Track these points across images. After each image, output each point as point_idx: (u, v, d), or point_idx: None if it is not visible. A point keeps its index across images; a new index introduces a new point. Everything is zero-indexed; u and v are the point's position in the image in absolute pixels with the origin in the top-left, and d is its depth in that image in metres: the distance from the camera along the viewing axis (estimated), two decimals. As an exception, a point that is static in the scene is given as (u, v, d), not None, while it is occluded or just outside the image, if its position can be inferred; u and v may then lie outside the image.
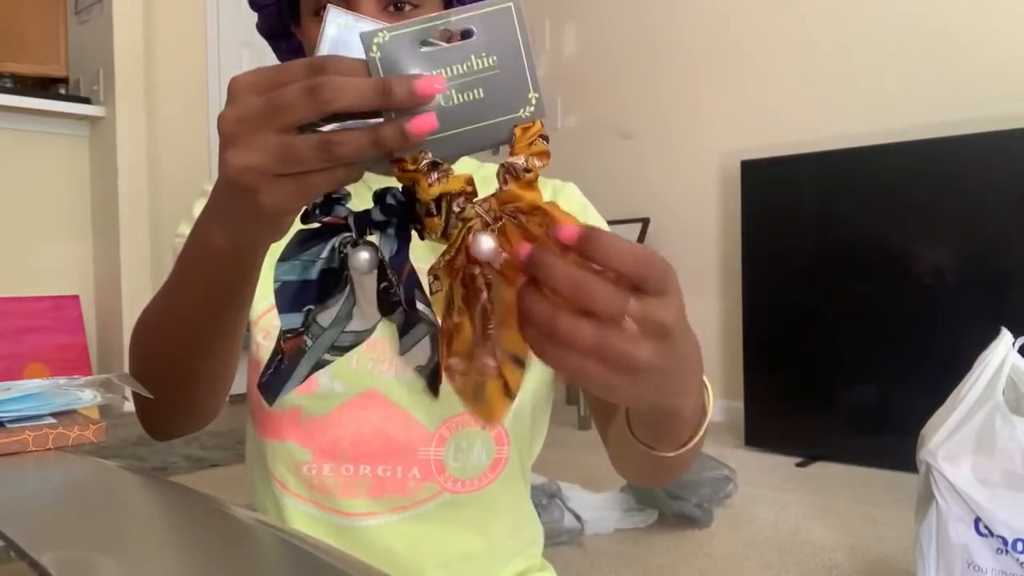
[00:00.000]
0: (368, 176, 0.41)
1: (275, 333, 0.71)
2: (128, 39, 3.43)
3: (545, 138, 0.39)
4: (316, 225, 0.41)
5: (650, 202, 3.61)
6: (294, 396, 0.67)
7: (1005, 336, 1.39)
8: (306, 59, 0.38)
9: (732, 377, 3.29)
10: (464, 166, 0.80)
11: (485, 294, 0.38)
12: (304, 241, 0.41)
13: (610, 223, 3.00)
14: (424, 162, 0.38)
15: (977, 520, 1.34)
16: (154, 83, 3.57)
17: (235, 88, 0.39)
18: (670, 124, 3.59)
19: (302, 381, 0.45)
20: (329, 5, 0.39)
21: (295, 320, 0.42)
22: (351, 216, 0.41)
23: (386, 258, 0.40)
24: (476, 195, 0.39)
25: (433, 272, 0.40)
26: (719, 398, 3.44)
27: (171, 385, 0.59)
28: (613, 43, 3.80)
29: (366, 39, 0.36)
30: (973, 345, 1.44)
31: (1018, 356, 1.38)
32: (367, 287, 0.42)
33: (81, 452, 0.61)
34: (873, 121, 2.92)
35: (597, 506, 2.11)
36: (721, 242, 3.42)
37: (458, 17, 0.37)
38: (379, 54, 0.36)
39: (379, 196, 0.40)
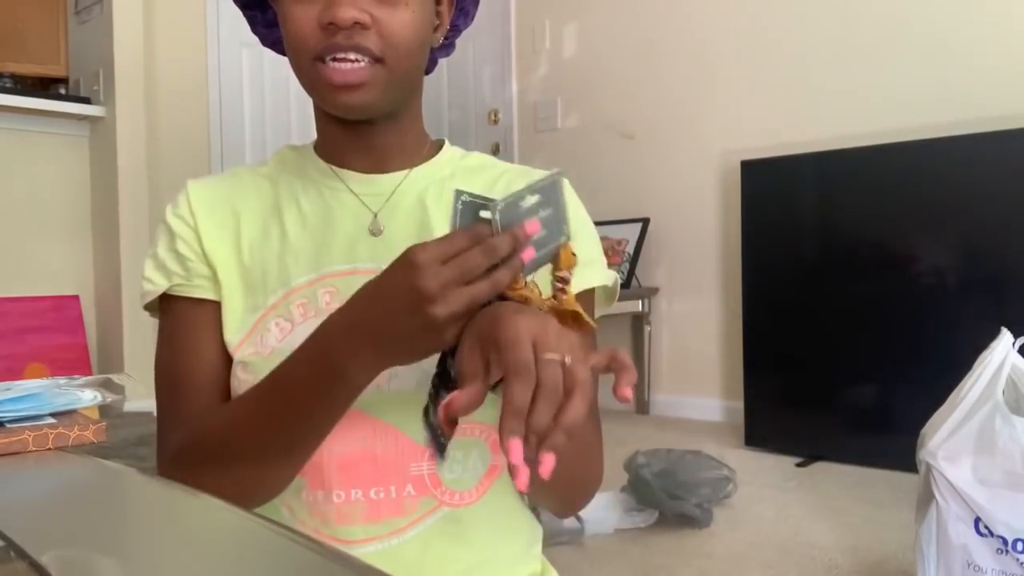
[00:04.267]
0: None
1: (252, 364, 0.70)
2: (128, 39, 3.42)
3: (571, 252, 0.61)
4: None
5: (650, 202, 3.61)
6: None
7: (1005, 336, 1.39)
8: (482, 246, 0.54)
9: (732, 377, 3.29)
10: (449, 158, 0.81)
11: None
12: None
13: (610, 223, 3.01)
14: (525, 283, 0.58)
15: (977, 520, 1.34)
16: (154, 83, 3.56)
17: (420, 260, 0.53)
18: (670, 124, 3.59)
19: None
20: (456, 188, 0.57)
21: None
22: None
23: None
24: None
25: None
26: (719, 398, 3.44)
27: (253, 483, 0.67)
28: (613, 43, 3.80)
29: (492, 208, 0.55)
30: (973, 345, 1.44)
31: (1018, 356, 1.38)
32: None
33: (81, 452, 0.61)
34: (873, 121, 2.92)
35: (597, 506, 2.11)
36: (721, 242, 3.42)
37: (532, 186, 0.57)
38: (498, 216, 0.55)
39: None
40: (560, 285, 0.59)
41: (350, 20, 0.65)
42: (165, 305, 0.74)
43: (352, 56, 0.66)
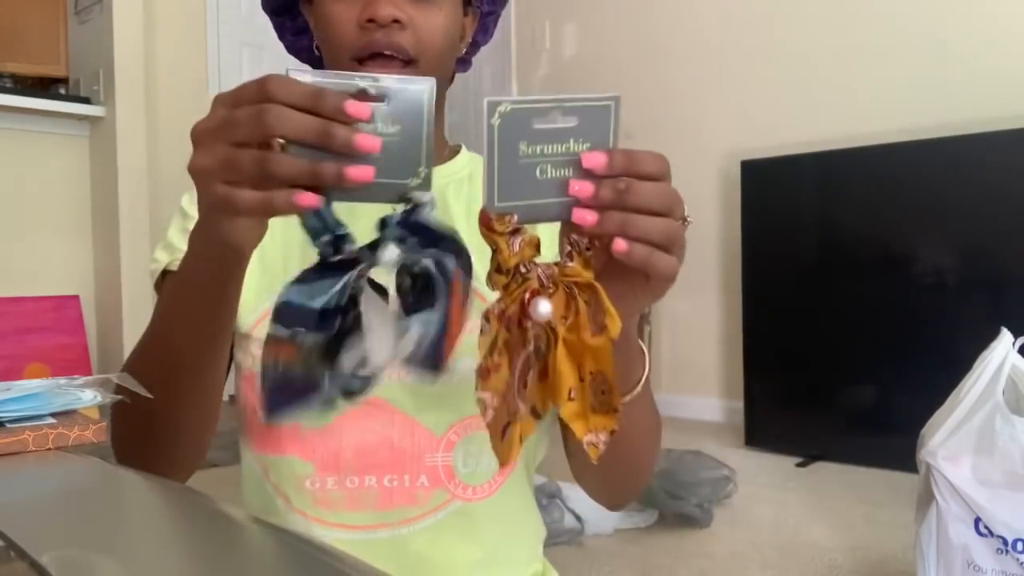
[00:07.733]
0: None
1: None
2: (128, 39, 3.42)
3: None
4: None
5: (650, 202, 3.60)
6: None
7: (1005, 336, 1.39)
8: (259, 81, 0.43)
9: (732, 377, 3.29)
10: (467, 160, 0.80)
11: (531, 347, 0.43)
12: (321, 270, 0.44)
13: (610, 223, 2.93)
14: (511, 227, 0.42)
15: (977, 520, 1.34)
16: (154, 83, 3.56)
17: (214, 101, 0.45)
18: (670, 124, 3.59)
19: (312, 412, 0.47)
20: (289, 69, 0.43)
21: (282, 332, 0.44)
22: (362, 250, 0.44)
23: (432, 270, 0.44)
24: (538, 255, 0.43)
25: (486, 315, 0.43)
26: (719, 398, 3.44)
27: (157, 424, 0.62)
28: (613, 43, 3.80)
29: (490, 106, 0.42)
30: (973, 345, 1.44)
31: (1018, 356, 1.38)
32: (377, 327, 0.44)
33: (81, 452, 0.61)
34: (873, 121, 2.92)
35: (597, 506, 2.11)
36: (721, 242, 3.42)
37: (566, 105, 0.44)
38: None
39: (384, 221, 0.44)
40: (575, 250, 0.44)
41: (389, 17, 0.67)
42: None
43: (387, 52, 0.68)
